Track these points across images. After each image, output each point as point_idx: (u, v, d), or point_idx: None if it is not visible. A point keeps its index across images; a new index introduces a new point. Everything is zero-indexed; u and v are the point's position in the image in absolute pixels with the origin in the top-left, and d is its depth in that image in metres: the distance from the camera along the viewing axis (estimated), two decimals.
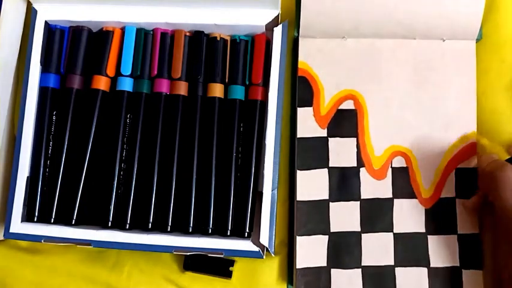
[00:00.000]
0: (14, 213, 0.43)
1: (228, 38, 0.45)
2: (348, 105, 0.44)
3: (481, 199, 0.41)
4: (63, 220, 0.43)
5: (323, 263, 0.42)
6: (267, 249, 0.41)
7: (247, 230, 0.42)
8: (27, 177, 0.43)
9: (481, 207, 0.42)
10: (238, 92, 0.44)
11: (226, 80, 0.45)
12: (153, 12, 0.44)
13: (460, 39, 0.43)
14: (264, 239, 0.41)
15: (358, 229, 0.42)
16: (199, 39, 0.45)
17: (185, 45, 0.45)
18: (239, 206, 0.43)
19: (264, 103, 0.44)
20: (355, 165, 0.43)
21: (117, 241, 0.42)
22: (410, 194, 0.43)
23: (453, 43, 0.44)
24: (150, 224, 0.43)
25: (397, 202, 0.43)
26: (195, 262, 0.44)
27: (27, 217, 0.43)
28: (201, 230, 0.43)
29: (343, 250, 0.42)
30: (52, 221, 0.43)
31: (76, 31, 0.45)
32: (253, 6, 0.43)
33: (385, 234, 0.42)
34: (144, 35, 0.45)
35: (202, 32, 0.45)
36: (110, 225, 0.43)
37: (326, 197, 0.43)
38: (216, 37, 0.45)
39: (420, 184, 0.43)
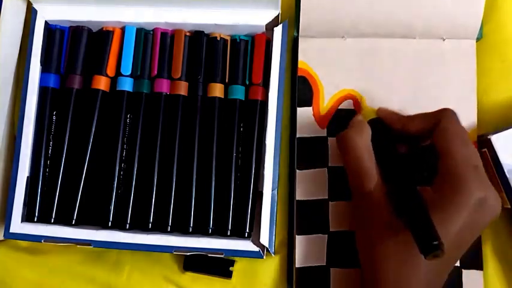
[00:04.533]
0: (14, 213, 0.43)
1: (228, 38, 0.45)
2: (348, 105, 0.44)
3: None
4: (63, 220, 0.43)
5: (322, 262, 0.42)
6: (267, 249, 0.41)
7: (247, 230, 0.42)
8: (27, 177, 0.43)
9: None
10: (239, 92, 0.44)
11: (227, 80, 0.45)
12: (153, 12, 0.44)
13: (460, 38, 0.43)
14: (264, 239, 0.41)
15: None
16: (199, 39, 0.45)
17: (185, 45, 0.45)
18: (239, 206, 0.43)
19: (264, 103, 0.44)
20: None
21: (117, 241, 0.42)
22: None
23: (453, 42, 0.44)
24: (150, 224, 0.43)
25: None
26: (195, 262, 0.44)
27: (27, 217, 0.43)
28: (201, 230, 0.43)
29: (343, 249, 0.42)
30: (52, 221, 0.43)
31: (76, 31, 0.45)
32: (253, 6, 0.43)
33: None
34: (144, 35, 0.45)
35: (202, 32, 0.45)
36: (110, 225, 0.43)
37: (326, 196, 0.43)
38: (216, 37, 0.45)
39: None
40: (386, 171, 0.37)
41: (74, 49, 0.45)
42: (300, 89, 0.44)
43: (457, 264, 0.42)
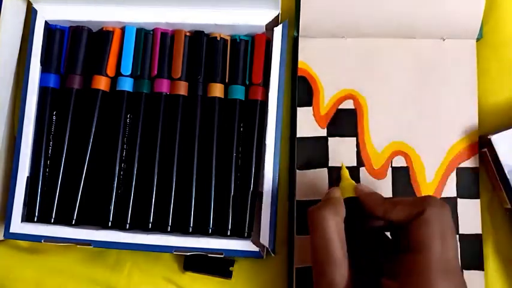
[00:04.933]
0: (14, 213, 0.43)
1: (228, 38, 0.45)
2: (348, 104, 0.44)
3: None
4: (63, 220, 0.43)
5: None
6: (267, 249, 0.41)
7: (247, 230, 0.42)
8: (27, 177, 0.43)
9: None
10: (239, 92, 0.44)
11: (226, 80, 0.45)
12: (153, 12, 0.44)
13: (461, 38, 0.43)
14: (264, 239, 0.41)
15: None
16: (199, 39, 0.45)
17: (185, 45, 0.45)
18: (239, 206, 0.43)
19: (264, 103, 0.44)
20: (355, 164, 0.43)
21: (117, 241, 0.42)
22: (410, 193, 0.42)
23: (453, 42, 0.43)
24: (150, 224, 0.43)
25: None
26: (195, 262, 0.44)
27: (27, 217, 0.43)
28: (201, 230, 0.43)
29: None
30: (52, 221, 0.43)
31: (76, 31, 0.45)
32: (253, 6, 0.43)
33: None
34: (144, 35, 0.45)
35: (202, 32, 0.45)
36: (110, 225, 0.43)
37: None
38: (216, 37, 0.45)
39: (420, 184, 0.43)
40: (356, 260, 0.34)
41: (74, 49, 0.45)
42: (300, 89, 0.44)
43: None
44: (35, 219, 0.44)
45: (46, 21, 0.45)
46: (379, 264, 0.35)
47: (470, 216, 0.42)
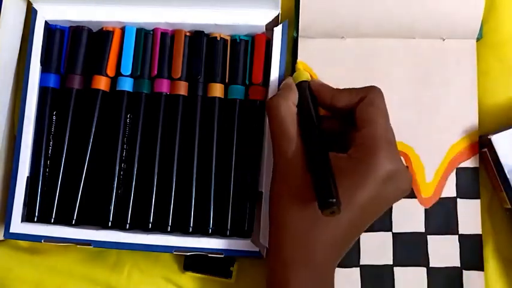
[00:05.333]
0: (14, 213, 0.43)
1: (228, 38, 0.45)
2: None
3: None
4: (63, 220, 0.43)
5: None
6: (267, 249, 0.41)
7: (247, 230, 0.42)
8: (27, 177, 0.43)
9: None
10: (238, 92, 0.44)
11: (226, 80, 0.45)
12: (153, 12, 0.44)
13: (461, 38, 0.43)
14: (264, 239, 0.41)
15: None
16: (199, 39, 0.45)
17: (185, 45, 0.45)
18: (239, 206, 0.43)
19: (264, 103, 0.44)
20: None
21: (117, 241, 0.42)
22: (410, 193, 0.42)
23: (453, 42, 0.43)
24: (150, 224, 0.43)
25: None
26: (195, 262, 0.44)
27: (27, 217, 0.43)
28: (201, 230, 0.43)
29: None
30: (52, 221, 0.43)
31: (76, 31, 0.45)
32: (253, 6, 0.43)
33: (384, 233, 0.42)
34: (144, 35, 0.45)
35: (202, 32, 0.45)
36: (110, 225, 0.43)
37: None
38: (216, 37, 0.45)
39: (420, 184, 0.43)
40: (306, 135, 0.38)
41: (74, 49, 0.45)
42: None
43: (458, 265, 0.42)
44: (35, 219, 0.43)
45: (46, 21, 0.45)
46: (328, 141, 0.38)
47: (470, 216, 0.42)
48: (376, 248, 0.42)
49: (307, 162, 0.36)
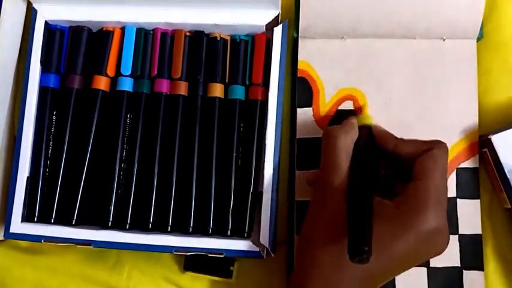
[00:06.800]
0: (14, 213, 0.43)
1: (228, 38, 0.45)
2: (348, 105, 0.44)
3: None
4: (63, 220, 0.43)
5: None
6: (267, 249, 0.41)
7: (247, 230, 0.42)
8: (27, 177, 0.43)
9: None
10: (239, 92, 0.44)
11: (227, 80, 0.45)
12: (153, 12, 0.44)
13: (461, 38, 0.43)
14: (264, 239, 0.41)
15: None
16: (199, 39, 0.45)
17: (185, 45, 0.45)
18: (239, 206, 0.43)
19: (264, 103, 0.44)
20: None
21: (117, 241, 0.42)
22: None
23: (454, 42, 0.43)
24: (150, 224, 0.43)
25: None
26: (195, 262, 0.44)
27: (27, 217, 0.43)
28: (201, 230, 0.43)
29: None
30: (52, 221, 0.43)
31: (76, 31, 0.45)
32: (253, 6, 0.43)
33: None
34: (144, 35, 0.45)
35: (202, 32, 0.45)
36: (110, 225, 0.43)
37: None
38: (216, 37, 0.45)
39: None
40: (354, 175, 0.37)
41: (74, 49, 0.45)
42: (299, 90, 0.44)
43: (458, 265, 0.42)
44: (35, 219, 0.44)
45: (46, 21, 0.45)
46: (377, 186, 0.37)
47: (470, 216, 0.42)
48: None
49: (347, 202, 0.35)
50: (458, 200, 0.42)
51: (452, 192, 0.42)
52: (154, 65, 0.44)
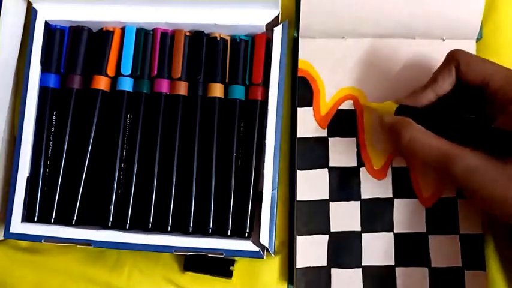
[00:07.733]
0: (14, 213, 0.43)
1: (228, 38, 0.45)
2: (348, 105, 0.44)
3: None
4: (63, 220, 0.43)
5: (323, 262, 0.42)
6: (267, 249, 0.41)
7: (247, 230, 0.42)
8: (27, 177, 0.43)
9: None
10: (238, 92, 0.44)
11: (227, 80, 0.45)
12: (153, 12, 0.44)
13: (460, 38, 0.43)
14: (264, 239, 0.41)
15: (359, 229, 0.42)
16: (199, 39, 0.45)
17: (185, 45, 0.45)
18: (239, 206, 0.43)
19: (264, 103, 0.44)
20: (355, 165, 0.43)
21: (117, 241, 0.42)
22: (410, 193, 0.42)
23: (453, 42, 0.43)
24: (150, 224, 0.43)
25: (397, 202, 0.42)
26: (195, 262, 0.44)
27: (27, 217, 0.43)
28: (201, 230, 0.43)
29: (344, 250, 0.42)
30: (52, 221, 0.43)
31: (76, 31, 0.45)
32: (253, 6, 0.43)
33: (385, 234, 0.42)
34: (144, 35, 0.45)
35: (202, 32, 0.45)
36: (110, 225, 0.43)
37: (326, 196, 0.43)
38: (216, 37, 0.45)
39: (421, 183, 0.43)
40: (458, 134, 0.36)
41: (74, 49, 0.45)
42: (300, 90, 0.44)
43: (460, 264, 0.42)
44: (35, 219, 0.43)
45: (46, 21, 0.45)
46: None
47: (471, 216, 0.42)
48: (378, 248, 0.42)
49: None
50: (458, 200, 0.42)
51: (452, 192, 0.42)
52: (154, 65, 0.44)
